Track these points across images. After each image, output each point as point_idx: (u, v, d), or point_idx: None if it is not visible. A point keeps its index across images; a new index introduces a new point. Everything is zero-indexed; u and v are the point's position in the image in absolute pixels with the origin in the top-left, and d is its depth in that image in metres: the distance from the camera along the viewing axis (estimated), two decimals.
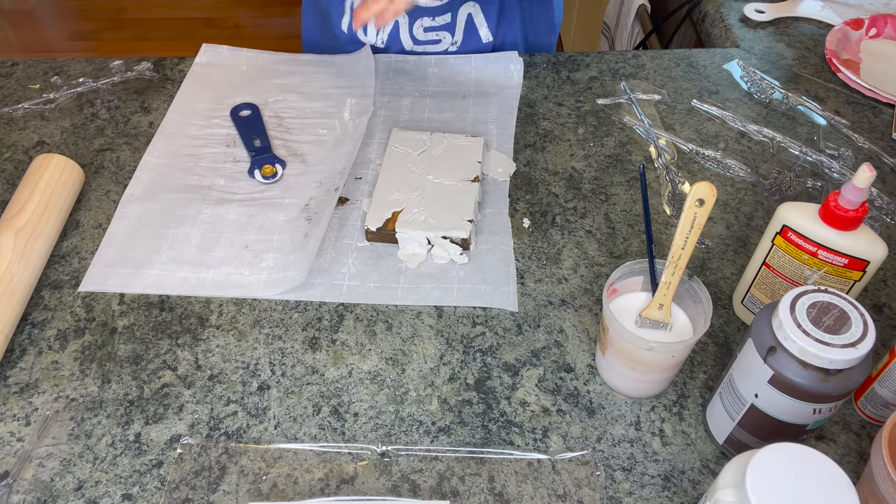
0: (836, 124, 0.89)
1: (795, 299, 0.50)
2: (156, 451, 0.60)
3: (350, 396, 0.63)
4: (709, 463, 0.59)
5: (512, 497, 0.57)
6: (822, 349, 0.47)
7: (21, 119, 0.89)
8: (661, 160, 0.84)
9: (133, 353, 0.66)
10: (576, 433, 0.61)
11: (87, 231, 0.76)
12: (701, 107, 0.92)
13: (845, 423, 0.61)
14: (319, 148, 0.85)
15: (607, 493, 0.57)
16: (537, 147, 0.86)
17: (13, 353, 0.66)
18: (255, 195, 0.80)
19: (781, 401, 0.51)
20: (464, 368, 0.65)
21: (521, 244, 0.75)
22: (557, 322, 0.69)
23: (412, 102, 0.91)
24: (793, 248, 0.60)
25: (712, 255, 0.75)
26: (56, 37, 2.71)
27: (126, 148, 0.86)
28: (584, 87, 0.94)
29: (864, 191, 0.54)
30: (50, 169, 0.75)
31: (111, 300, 0.70)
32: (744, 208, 0.79)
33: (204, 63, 0.97)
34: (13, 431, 0.61)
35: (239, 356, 0.66)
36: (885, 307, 0.70)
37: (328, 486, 0.57)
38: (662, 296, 0.59)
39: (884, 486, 0.48)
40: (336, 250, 0.74)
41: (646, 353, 0.57)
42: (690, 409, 0.62)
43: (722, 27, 1.07)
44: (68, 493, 0.57)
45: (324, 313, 0.69)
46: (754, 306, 0.67)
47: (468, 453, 0.59)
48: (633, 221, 0.78)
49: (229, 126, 0.88)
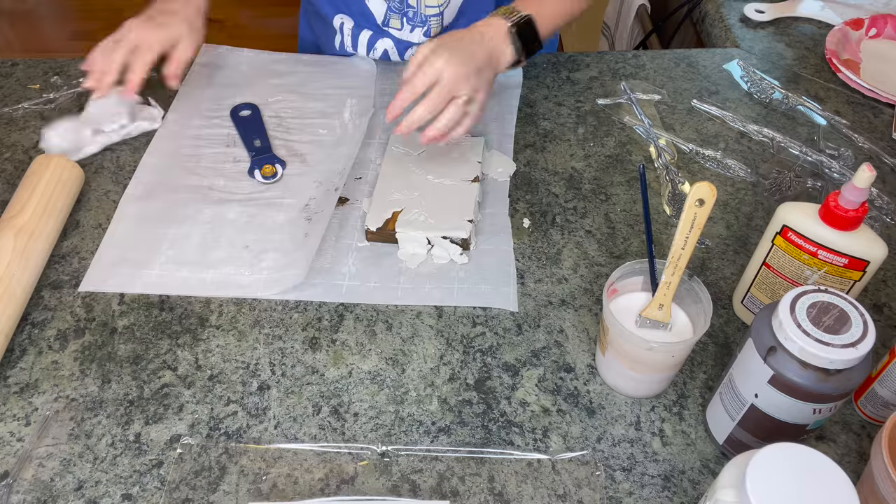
0: (836, 124, 0.89)
1: (795, 299, 0.50)
2: (156, 451, 0.60)
3: (350, 396, 0.63)
4: (709, 463, 0.59)
5: (512, 497, 0.57)
6: (822, 349, 0.47)
7: (21, 119, 0.89)
8: (661, 160, 0.84)
9: (133, 353, 0.66)
10: (576, 433, 0.61)
11: (87, 231, 0.76)
12: (701, 107, 0.92)
13: (845, 423, 0.61)
14: (319, 148, 0.85)
15: (607, 493, 0.57)
16: (537, 147, 0.86)
17: (13, 353, 0.66)
18: (255, 195, 0.80)
19: (781, 401, 0.51)
20: (464, 368, 0.65)
21: (521, 244, 0.75)
22: (557, 322, 0.69)
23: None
24: (793, 248, 0.60)
25: (712, 255, 0.75)
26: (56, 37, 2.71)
27: (126, 148, 0.86)
28: (584, 87, 0.94)
29: (864, 191, 0.54)
30: (50, 169, 0.75)
31: (111, 300, 0.70)
32: (744, 208, 0.79)
33: (204, 63, 0.97)
34: (13, 431, 0.61)
35: (239, 356, 0.66)
36: (885, 307, 0.70)
37: (328, 486, 0.57)
38: (662, 296, 0.59)
39: (884, 486, 0.48)
40: (336, 250, 0.74)
41: (646, 353, 0.57)
42: (690, 409, 0.62)
43: (722, 27, 1.07)
44: (68, 493, 0.57)
45: (324, 313, 0.69)
46: (754, 306, 0.67)
47: (468, 453, 0.59)
48: (633, 221, 0.78)
49: (229, 126, 0.88)
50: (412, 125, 0.70)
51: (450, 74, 0.69)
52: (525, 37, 0.76)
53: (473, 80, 0.71)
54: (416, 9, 0.89)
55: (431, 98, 0.70)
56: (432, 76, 0.69)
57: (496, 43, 0.74)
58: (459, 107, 0.71)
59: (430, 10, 0.89)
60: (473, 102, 0.72)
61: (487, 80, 0.74)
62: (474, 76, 0.71)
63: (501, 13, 0.76)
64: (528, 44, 0.76)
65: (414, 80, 0.70)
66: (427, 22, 0.91)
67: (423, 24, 0.91)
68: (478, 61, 0.72)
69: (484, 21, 0.76)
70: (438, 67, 0.69)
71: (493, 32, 0.74)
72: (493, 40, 0.74)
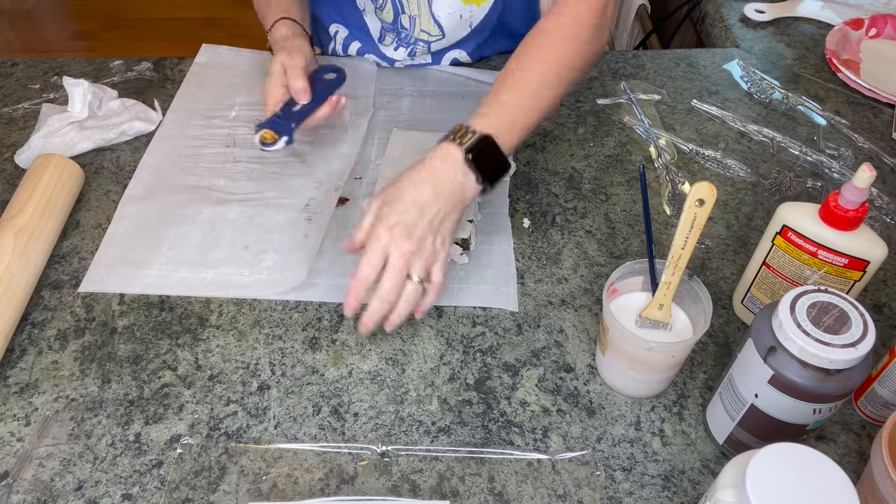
0: (836, 124, 0.89)
1: (795, 299, 0.50)
2: (156, 451, 0.60)
3: (350, 396, 0.63)
4: (709, 463, 0.59)
5: (512, 497, 0.57)
6: (822, 349, 0.47)
7: (21, 119, 0.89)
8: (661, 160, 0.84)
9: (133, 353, 0.66)
10: (576, 433, 0.61)
11: (87, 231, 0.76)
12: (701, 107, 0.92)
13: (845, 423, 0.61)
14: (319, 148, 0.85)
15: (607, 493, 0.57)
16: (537, 147, 0.86)
17: (13, 353, 0.66)
18: (254, 195, 0.80)
19: (781, 401, 0.51)
20: (464, 368, 0.65)
21: (521, 244, 0.75)
22: (557, 322, 0.69)
23: (412, 102, 0.91)
24: (793, 248, 0.60)
25: (712, 255, 0.75)
26: (56, 37, 2.71)
27: (126, 148, 0.86)
28: (584, 87, 0.94)
29: (864, 191, 0.54)
30: (50, 169, 0.75)
31: (111, 300, 0.70)
32: (744, 208, 0.79)
33: (203, 63, 0.97)
34: (13, 431, 0.61)
35: (239, 356, 0.66)
36: (885, 307, 0.70)
37: (328, 486, 0.57)
38: (662, 296, 0.59)
39: (884, 486, 0.48)
40: (336, 250, 0.74)
41: (646, 353, 0.57)
42: (690, 409, 0.62)
43: (722, 27, 1.07)
44: (68, 493, 0.57)
45: (324, 313, 0.69)
46: (754, 306, 0.67)
47: (468, 453, 0.59)
48: (633, 221, 0.78)
49: (229, 126, 0.88)
50: (373, 318, 0.62)
51: (397, 254, 0.61)
52: (483, 163, 0.64)
53: (427, 249, 0.63)
54: (408, 31, 0.89)
55: (383, 287, 0.62)
56: (378, 259, 0.62)
57: (454, 177, 0.64)
58: (415, 286, 0.63)
59: (422, 34, 0.88)
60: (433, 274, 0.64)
61: (452, 222, 0.65)
62: (427, 241, 0.63)
63: (454, 135, 0.65)
64: (490, 169, 0.65)
65: (361, 268, 0.62)
66: (415, 45, 0.91)
67: (407, 46, 0.91)
68: (430, 215, 0.63)
69: (437, 149, 0.65)
70: (384, 244, 0.62)
71: (448, 166, 0.64)
72: (451, 174, 0.64)
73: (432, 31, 0.87)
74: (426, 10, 0.84)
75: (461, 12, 0.84)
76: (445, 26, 0.85)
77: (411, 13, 0.85)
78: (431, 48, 0.90)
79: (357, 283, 0.62)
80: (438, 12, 0.84)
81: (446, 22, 0.85)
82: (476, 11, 0.84)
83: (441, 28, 0.86)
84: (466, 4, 0.82)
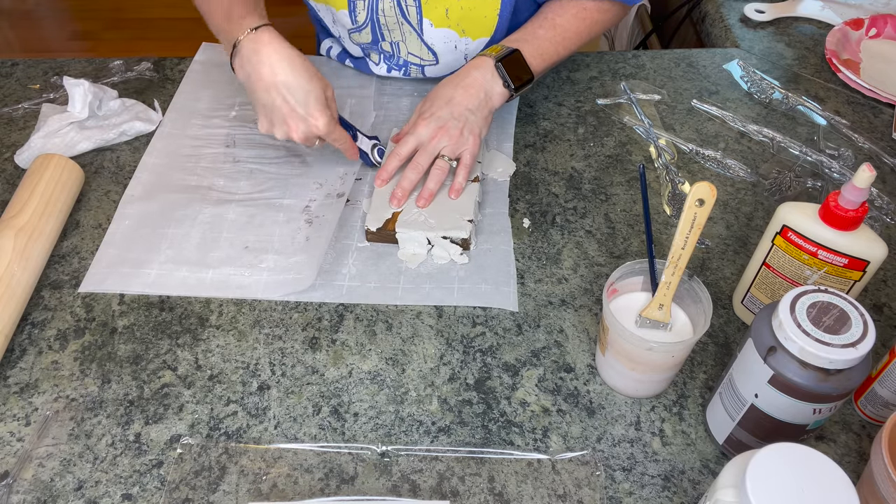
0: (836, 124, 0.89)
1: (795, 299, 0.50)
2: (156, 451, 0.60)
3: (350, 396, 0.63)
4: (709, 463, 0.59)
5: (512, 497, 0.57)
6: (822, 349, 0.47)
7: (21, 119, 0.89)
8: (661, 160, 0.84)
9: (133, 353, 0.66)
10: (576, 433, 0.61)
11: (87, 231, 0.76)
12: (701, 107, 0.92)
13: (845, 423, 0.61)
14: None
15: (607, 493, 0.57)
16: (537, 147, 0.86)
17: (13, 353, 0.66)
18: (254, 195, 0.80)
19: (781, 401, 0.51)
20: (464, 368, 0.65)
21: (521, 244, 0.75)
22: (557, 322, 0.69)
23: (412, 102, 0.91)
24: (793, 248, 0.60)
25: (712, 255, 0.75)
26: (56, 37, 2.70)
27: (126, 148, 0.86)
28: (584, 87, 0.94)
29: (864, 191, 0.54)
30: (50, 169, 0.75)
31: (111, 300, 0.70)
32: (744, 208, 0.79)
33: (203, 62, 0.97)
34: (13, 431, 0.61)
35: (239, 356, 0.66)
36: (885, 307, 0.70)
37: (328, 486, 0.57)
38: (662, 296, 0.59)
39: (884, 486, 0.48)
40: (336, 250, 0.74)
41: (646, 353, 0.57)
42: (690, 409, 0.62)
43: (722, 27, 1.07)
44: (68, 493, 0.57)
45: (324, 313, 0.69)
46: (754, 306, 0.67)
47: (468, 453, 0.59)
48: (633, 221, 0.78)
49: (229, 126, 0.88)
50: (404, 187, 0.75)
51: (427, 136, 0.75)
52: (512, 69, 0.78)
53: (455, 136, 0.75)
54: (392, 54, 0.89)
55: (416, 159, 0.75)
56: (413, 142, 0.76)
57: (484, 80, 0.78)
58: (444, 162, 0.75)
59: (412, 57, 0.88)
60: (463, 157, 0.76)
61: (480, 118, 0.77)
62: (455, 129, 0.75)
63: (488, 51, 0.79)
64: (517, 76, 0.78)
65: (396, 148, 0.76)
66: (407, 67, 0.91)
67: (399, 68, 0.91)
68: (460, 109, 0.76)
69: (473, 60, 0.80)
70: (418, 131, 0.76)
71: (479, 71, 0.78)
72: (481, 78, 0.78)
73: (424, 56, 0.87)
74: (414, 36, 0.84)
75: (456, 43, 0.85)
76: (440, 53, 0.86)
77: (393, 39, 0.86)
78: (426, 73, 0.90)
79: (393, 159, 0.76)
80: (431, 40, 0.84)
81: (441, 49, 0.85)
82: (472, 45, 0.85)
83: (435, 55, 0.87)
84: (462, 38, 0.84)
